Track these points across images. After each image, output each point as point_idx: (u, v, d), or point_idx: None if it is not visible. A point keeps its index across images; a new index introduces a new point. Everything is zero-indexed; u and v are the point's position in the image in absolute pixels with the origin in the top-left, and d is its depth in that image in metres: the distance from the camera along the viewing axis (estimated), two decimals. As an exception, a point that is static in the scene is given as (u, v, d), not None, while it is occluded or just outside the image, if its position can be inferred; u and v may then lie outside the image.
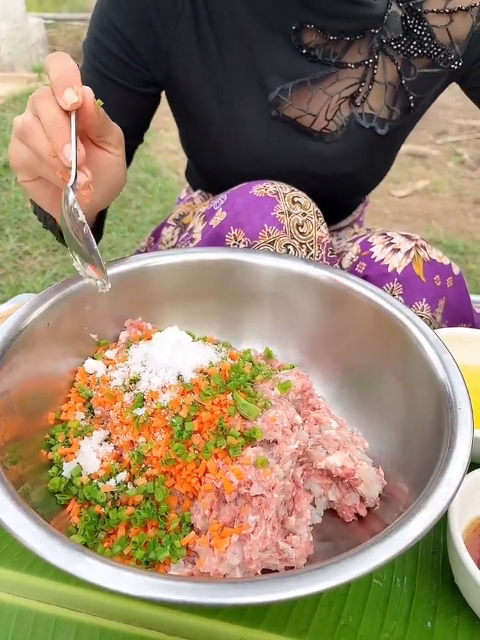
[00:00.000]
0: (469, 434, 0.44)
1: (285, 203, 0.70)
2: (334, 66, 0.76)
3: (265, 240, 0.68)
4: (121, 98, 0.80)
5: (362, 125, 0.81)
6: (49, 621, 0.48)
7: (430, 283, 0.75)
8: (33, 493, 0.46)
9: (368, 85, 0.78)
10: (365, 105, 0.80)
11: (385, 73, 0.79)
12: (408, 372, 0.54)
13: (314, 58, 0.75)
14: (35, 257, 2.15)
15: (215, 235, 0.71)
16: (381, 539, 0.37)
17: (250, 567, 0.43)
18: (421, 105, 0.84)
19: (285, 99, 0.78)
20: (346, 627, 0.47)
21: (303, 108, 0.79)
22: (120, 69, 0.78)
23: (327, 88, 0.78)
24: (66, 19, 5.59)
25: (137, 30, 0.74)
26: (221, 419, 0.48)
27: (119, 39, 0.75)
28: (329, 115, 0.79)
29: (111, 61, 0.77)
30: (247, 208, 0.69)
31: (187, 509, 0.47)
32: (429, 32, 0.76)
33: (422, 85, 0.80)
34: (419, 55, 0.77)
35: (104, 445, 0.51)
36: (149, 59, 0.77)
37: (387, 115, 0.82)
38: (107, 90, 0.79)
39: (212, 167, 0.91)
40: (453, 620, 0.48)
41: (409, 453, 0.51)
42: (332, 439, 0.53)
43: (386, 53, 0.77)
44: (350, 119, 0.81)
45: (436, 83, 0.82)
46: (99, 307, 0.61)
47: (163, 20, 0.74)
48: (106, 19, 0.75)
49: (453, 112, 3.76)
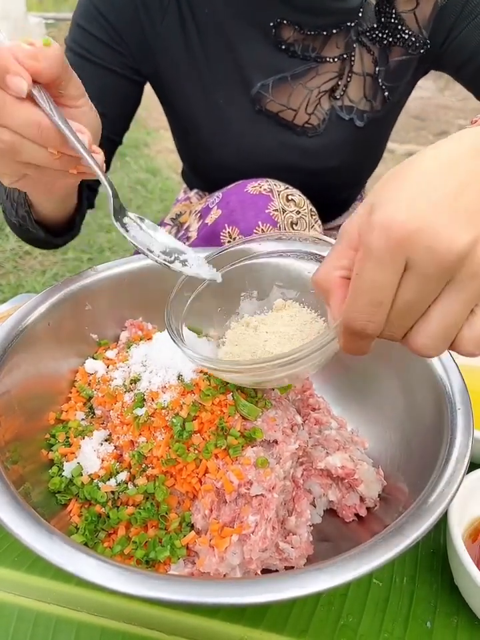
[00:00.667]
0: (469, 434, 0.44)
1: (280, 201, 0.70)
2: (313, 60, 0.77)
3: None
4: (104, 82, 0.78)
5: (342, 118, 0.82)
6: (49, 620, 0.48)
7: None
8: (33, 492, 0.46)
9: (346, 78, 0.79)
10: (344, 98, 0.81)
11: (363, 64, 0.79)
12: (408, 372, 0.54)
13: (293, 53, 0.76)
14: (35, 256, 2.15)
15: (210, 232, 0.71)
16: (380, 539, 0.37)
17: (250, 566, 0.44)
18: (397, 93, 0.84)
19: (266, 94, 0.79)
20: (346, 627, 0.47)
21: (284, 103, 0.79)
22: (104, 52, 0.76)
23: (306, 82, 0.79)
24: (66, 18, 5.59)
25: (124, 19, 0.75)
26: (221, 419, 0.49)
27: (104, 24, 0.75)
28: (309, 109, 0.80)
29: (95, 45, 0.76)
30: (241, 205, 0.70)
31: (187, 508, 0.48)
32: (399, 18, 0.76)
33: (394, 73, 0.81)
34: (392, 43, 0.78)
35: (104, 445, 0.51)
36: (134, 49, 0.77)
37: (365, 106, 0.82)
38: (89, 75, 0.73)
39: (202, 163, 0.91)
40: (453, 620, 0.48)
41: (408, 453, 0.51)
42: (332, 439, 0.53)
43: (362, 44, 0.78)
44: (331, 112, 0.82)
45: (407, 70, 0.82)
46: (100, 307, 0.61)
47: (150, 14, 0.74)
48: (92, 7, 0.74)
49: (453, 112, 3.76)
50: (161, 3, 0.74)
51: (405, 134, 3.43)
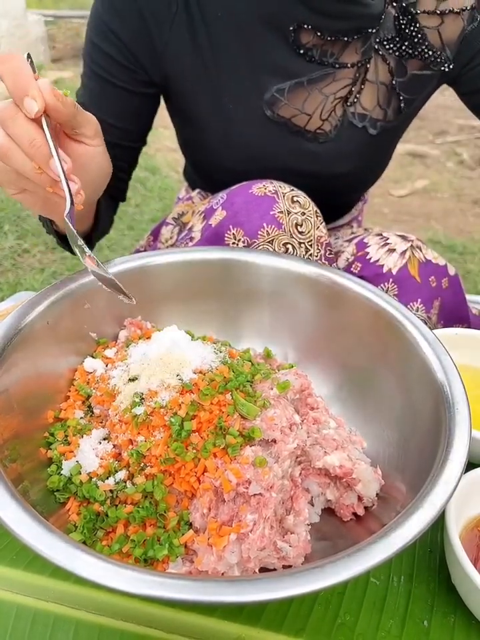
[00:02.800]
0: (467, 434, 0.44)
1: (284, 202, 0.70)
2: (331, 66, 0.77)
3: (264, 239, 0.68)
4: (121, 100, 0.81)
5: (355, 125, 0.81)
6: (47, 618, 0.48)
7: (425, 283, 0.75)
8: (32, 490, 0.46)
9: (360, 85, 0.79)
10: (357, 105, 0.80)
11: (377, 72, 0.79)
12: (406, 372, 0.54)
13: (311, 58, 0.76)
14: (33, 254, 2.15)
15: (214, 233, 0.71)
16: (378, 538, 0.37)
17: (248, 565, 0.44)
18: (413, 106, 0.84)
19: (281, 99, 0.78)
20: (343, 626, 0.47)
21: (299, 107, 0.79)
22: (118, 71, 0.78)
23: (322, 88, 0.78)
24: (66, 16, 5.57)
25: (132, 32, 0.75)
26: (220, 419, 0.49)
27: (116, 42, 0.75)
28: (324, 115, 0.80)
29: (109, 64, 0.77)
30: (246, 207, 0.70)
31: (186, 507, 0.48)
32: (421, 33, 0.76)
33: (413, 86, 0.81)
34: (411, 55, 0.77)
35: (103, 444, 0.51)
36: (145, 61, 0.77)
37: (379, 115, 0.82)
38: (107, 93, 0.79)
39: (207, 165, 0.91)
40: (450, 619, 0.48)
41: (406, 452, 0.51)
42: (330, 439, 0.53)
43: (379, 52, 0.77)
44: (343, 118, 0.81)
45: (427, 85, 0.82)
46: (99, 306, 0.61)
47: (158, 22, 0.74)
48: (102, 23, 0.75)
49: (453, 112, 3.76)
50: (169, 9, 0.73)
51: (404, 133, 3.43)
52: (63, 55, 4.82)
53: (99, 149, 0.57)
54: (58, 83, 3.91)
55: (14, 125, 0.47)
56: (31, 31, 4.33)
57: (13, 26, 4.15)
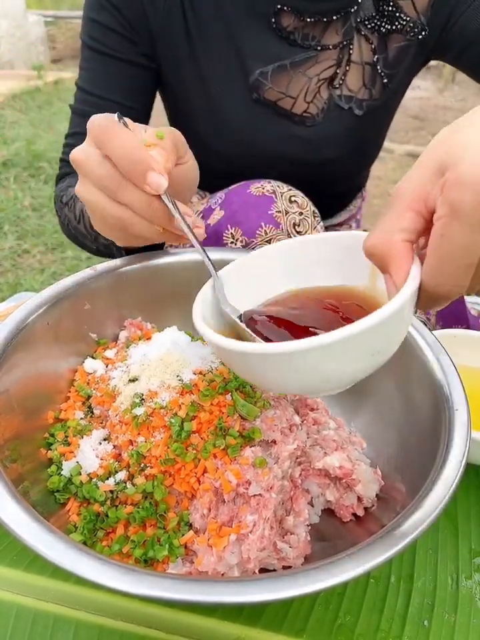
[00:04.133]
0: (466, 435, 0.44)
1: (282, 202, 0.70)
2: (313, 49, 0.78)
3: (262, 238, 0.69)
4: (122, 73, 0.80)
5: (341, 107, 0.82)
6: (47, 618, 0.48)
7: None
8: (32, 491, 0.46)
9: (345, 66, 0.80)
10: (343, 87, 0.81)
11: (361, 52, 0.80)
12: (406, 373, 0.55)
13: (293, 42, 0.77)
14: (33, 255, 2.15)
15: (212, 233, 0.72)
16: (378, 538, 0.37)
17: (248, 566, 0.44)
18: (396, 81, 0.84)
19: (265, 82, 0.79)
20: (343, 626, 0.47)
21: (282, 90, 0.80)
22: (118, 42, 0.78)
23: (306, 70, 0.79)
24: (66, 16, 5.58)
25: (131, 7, 0.76)
26: (220, 419, 0.49)
27: (115, 14, 0.76)
28: (308, 97, 0.80)
29: (110, 37, 0.78)
30: (244, 206, 0.70)
31: (186, 508, 0.48)
32: (397, 6, 0.77)
33: (393, 59, 0.81)
34: (390, 30, 0.78)
35: (103, 444, 0.51)
36: (144, 37, 0.78)
37: (364, 95, 0.82)
38: (109, 69, 0.79)
39: (199, 153, 0.91)
40: (450, 619, 0.48)
41: (406, 453, 0.51)
42: (330, 439, 0.53)
43: (361, 32, 0.78)
44: (329, 101, 0.82)
45: (406, 56, 0.82)
46: (99, 306, 0.61)
47: (153, 3, 0.75)
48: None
49: (452, 112, 3.77)
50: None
51: (404, 134, 3.43)
52: (63, 55, 4.83)
53: (189, 164, 0.57)
54: (58, 83, 3.91)
55: (126, 193, 0.46)
56: (30, 31, 4.34)
57: (12, 26, 4.16)
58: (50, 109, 3.46)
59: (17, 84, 3.70)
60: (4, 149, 2.76)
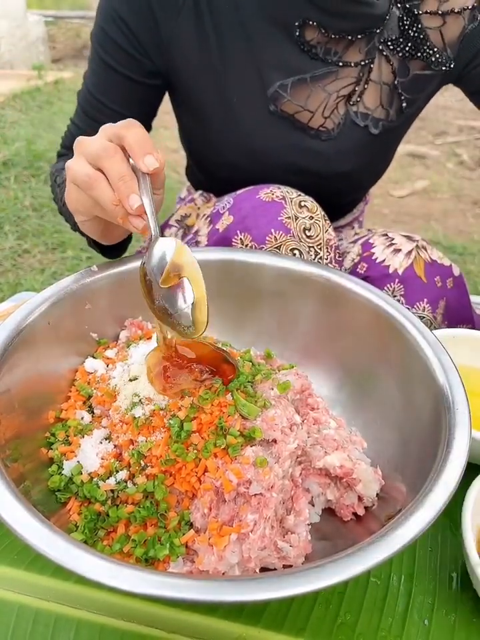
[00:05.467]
0: (467, 435, 0.44)
1: (292, 208, 0.70)
2: (334, 64, 0.77)
3: (272, 244, 0.69)
4: (127, 89, 0.81)
5: (357, 124, 0.82)
6: (48, 618, 0.48)
7: (431, 283, 0.75)
8: (33, 490, 0.46)
9: (363, 84, 0.79)
10: (360, 104, 0.81)
11: (381, 72, 0.79)
12: (406, 372, 0.55)
13: (315, 55, 0.76)
14: (34, 255, 2.15)
15: (221, 238, 0.72)
16: (378, 537, 0.37)
17: (248, 565, 0.44)
18: (415, 106, 0.84)
19: (284, 94, 0.78)
20: (343, 625, 0.47)
21: (301, 104, 0.79)
22: (125, 60, 0.78)
23: (325, 86, 0.78)
24: (66, 16, 5.58)
25: (140, 19, 0.75)
26: (220, 419, 0.49)
27: (124, 29, 0.76)
28: (326, 112, 0.80)
29: (116, 52, 0.78)
30: (253, 212, 0.70)
31: (187, 507, 0.48)
32: (423, 33, 0.76)
33: (415, 86, 0.81)
34: (414, 56, 0.78)
35: (104, 444, 0.51)
36: (151, 50, 0.77)
37: (381, 114, 0.82)
38: (113, 81, 0.80)
39: (210, 161, 0.91)
40: (450, 618, 0.48)
41: (406, 453, 0.51)
42: (330, 439, 0.53)
43: (382, 53, 0.78)
44: (346, 117, 0.81)
45: (429, 85, 0.82)
46: (100, 306, 0.62)
47: (165, 11, 0.74)
48: (111, 9, 0.75)
49: (453, 113, 3.76)
50: (177, 1, 0.74)
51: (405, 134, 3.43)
52: (63, 55, 4.82)
53: (160, 197, 0.61)
54: (58, 83, 3.91)
55: (110, 161, 0.51)
56: (31, 31, 4.34)
57: (13, 26, 4.16)
58: (50, 109, 3.46)
59: (17, 84, 3.70)
60: (4, 148, 2.76)
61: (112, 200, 0.52)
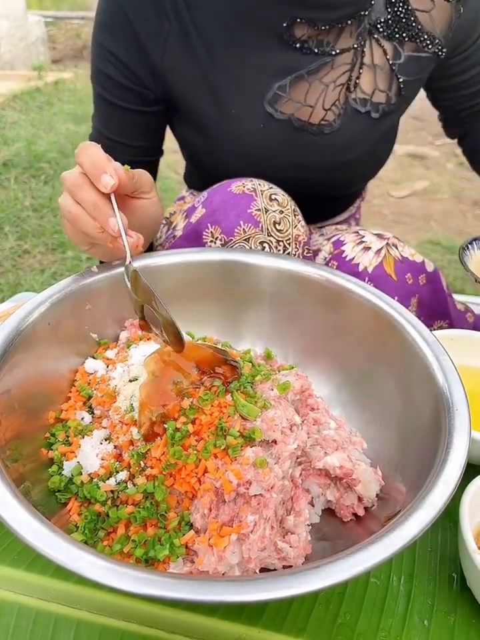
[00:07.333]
0: (466, 435, 0.44)
1: (262, 200, 0.70)
2: (328, 55, 0.77)
3: (241, 237, 0.69)
4: (133, 121, 0.83)
5: (358, 111, 0.81)
6: (49, 618, 0.48)
7: (401, 281, 0.75)
8: (33, 491, 0.46)
9: (358, 69, 0.79)
10: (358, 90, 0.81)
11: (373, 56, 0.79)
12: (406, 373, 0.55)
13: (308, 50, 0.76)
14: (34, 255, 2.15)
15: (192, 231, 0.72)
16: (378, 538, 0.37)
17: (248, 565, 0.44)
18: (413, 88, 0.84)
19: (284, 95, 0.78)
20: (343, 626, 0.48)
21: (301, 100, 0.79)
22: (124, 94, 0.80)
23: (322, 77, 0.78)
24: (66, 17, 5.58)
25: (129, 52, 0.76)
26: (220, 420, 0.49)
27: (116, 64, 0.77)
28: (327, 104, 0.80)
29: (115, 87, 0.80)
30: (224, 205, 0.70)
31: (187, 508, 0.48)
32: (413, 15, 0.76)
33: (411, 68, 0.81)
34: (403, 38, 0.78)
35: (104, 444, 0.51)
36: (146, 78, 0.78)
37: (380, 98, 0.82)
38: (116, 115, 0.82)
39: (211, 169, 0.91)
40: (450, 618, 0.48)
41: (406, 453, 0.51)
42: (330, 439, 0.53)
43: (373, 35, 0.77)
44: (346, 105, 0.81)
45: (424, 66, 0.82)
46: (100, 307, 0.62)
47: (152, 38, 0.75)
48: (100, 46, 0.77)
49: (453, 113, 3.76)
50: (162, 23, 0.74)
51: (404, 134, 3.43)
52: (63, 55, 4.82)
53: (153, 200, 0.65)
54: (58, 83, 3.91)
55: (81, 192, 0.55)
56: (31, 31, 4.34)
57: (13, 27, 4.16)
58: (50, 109, 3.46)
59: (17, 84, 3.70)
60: (4, 149, 2.76)
61: (95, 228, 0.56)
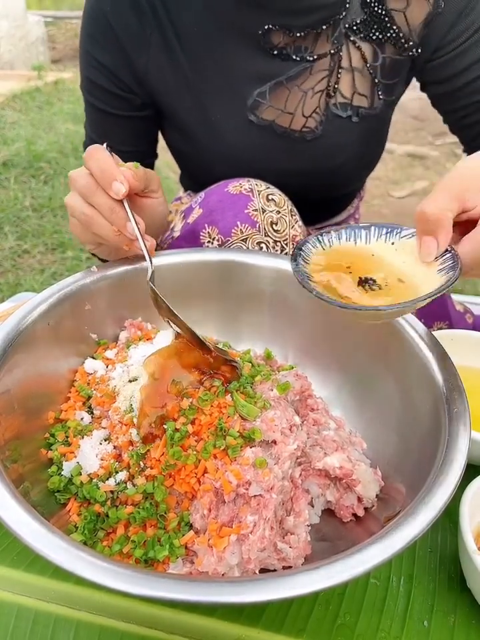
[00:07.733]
0: (466, 435, 0.44)
1: (260, 200, 0.70)
2: (306, 61, 0.77)
3: (238, 237, 0.69)
4: (122, 127, 0.85)
5: (339, 116, 0.81)
6: (48, 619, 0.48)
7: None
8: (32, 491, 0.46)
9: (336, 74, 0.79)
10: (338, 95, 0.80)
11: (351, 59, 0.78)
12: (406, 374, 0.55)
13: (287, 57, 0.76)
14: (33, 255, 2.15)
15: (190, 231, 0.72)
16: (378, 539, 0.37)
17: (248, 566, 0.44)
18: (396, 91, 0.83)
19: (264, 102, 0.78)
20: (343, 626, 0.47)
21: (281, 107, 0.79)
22: (112, 100, 0.82)
23: (301, 84, 0.78)
24: (66, 16, 5.58)
25: (114, 59, 0.78)
26: (220, 420, 0.49)
27: (103, 71, 0.78)
28: (307, 111, 0.79)
29: (103, 94, 0.81)
30: (221, 205, 0.70)
31: (186, 508, 0.48)
32: (389, 15, 0.75)
33: (390, 71, 0.80)
34: (381, 40, 0.77)
35: (104, 445, 0.51)
36: (132, 84, 0.80)
37: (360, 102, 0.81)
38: (107, 122, 0.84)
39: (200, 173, 0.92)
40: (450, 619, 0.48)
41: (406, 454, 0.51)
42: (330, 440, 0.53)
43: (349, 38, 0.77)
44: (327, 112, 0.81)
45: (402, 69, 0.81)
46: (99, 307, 0.62)
47: (135, 46, 0.76)
48: (88, 55, 0.79)
49: (453, 113, 3.76)
50: (144, 31, 0.75)
51: (404, 134, 3.43)
52: (63, 55, 4.82)
53: (160, 200, 0.67)
54: (58, 83, 3.90)
55: (96, 197, 0.57)
56: (31, 31, 4.34)
57: (13, 27, 4.16)
58: (50, 109, 3.46)
59: (17, 84, 3.70)
60: (4, 149, 2.76)
61: (112, 232, 0.57)
